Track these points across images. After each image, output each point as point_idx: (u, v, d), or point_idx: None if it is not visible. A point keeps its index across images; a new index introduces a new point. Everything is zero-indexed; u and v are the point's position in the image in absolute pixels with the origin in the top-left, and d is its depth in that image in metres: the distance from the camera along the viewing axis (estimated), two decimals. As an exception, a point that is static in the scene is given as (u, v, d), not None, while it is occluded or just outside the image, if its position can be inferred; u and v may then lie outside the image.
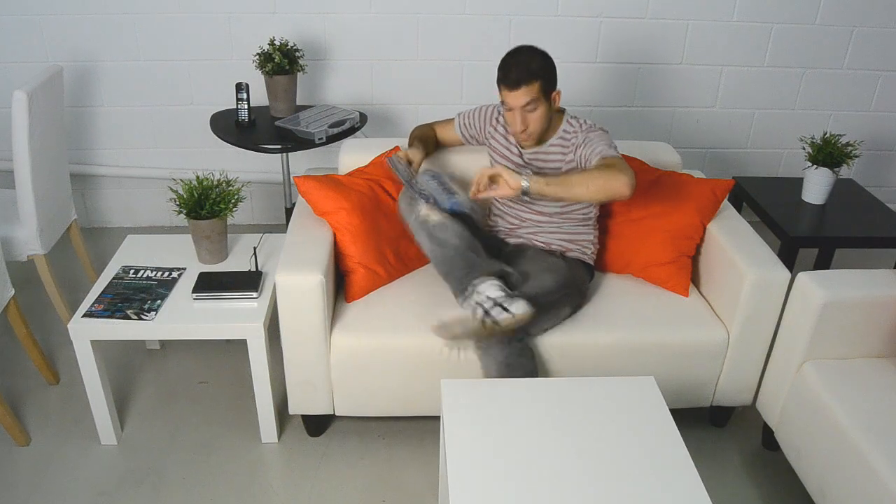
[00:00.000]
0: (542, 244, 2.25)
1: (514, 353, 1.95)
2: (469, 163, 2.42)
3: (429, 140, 2.37)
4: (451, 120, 2.40)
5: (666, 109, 3.39)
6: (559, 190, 1.92)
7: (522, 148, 2.20)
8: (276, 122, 2.76)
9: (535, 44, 2.08)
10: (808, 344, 2.00)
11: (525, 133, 2.09)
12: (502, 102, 2.06)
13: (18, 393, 2.44)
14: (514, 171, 1.95)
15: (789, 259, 2.58)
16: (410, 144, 2.31)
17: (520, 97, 2.00)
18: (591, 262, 2.29)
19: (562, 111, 2.19)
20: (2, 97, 3.04)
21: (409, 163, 2.22)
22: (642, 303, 2.23)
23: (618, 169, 1.91)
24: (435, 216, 2.06)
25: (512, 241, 2.31)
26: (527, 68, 1.99)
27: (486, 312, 1.89)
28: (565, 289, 2.09)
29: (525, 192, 1.92)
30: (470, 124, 2.35)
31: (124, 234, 2.57)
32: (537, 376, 2.01)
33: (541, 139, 2.15)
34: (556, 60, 2.07)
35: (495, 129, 2.28)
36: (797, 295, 2.02)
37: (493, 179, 1.96)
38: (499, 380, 1.82)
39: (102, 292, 2.19)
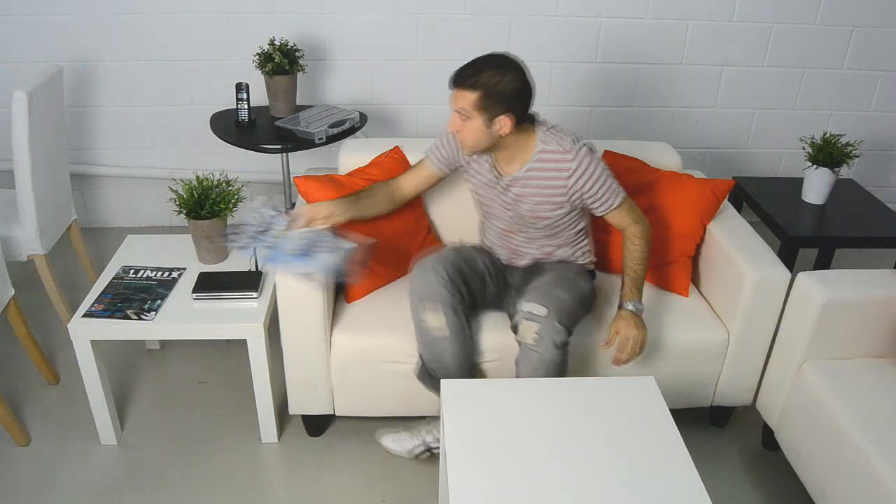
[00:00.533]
0: (549, 258, 2.19)
1: (563, 356, 1.94)
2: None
3: (365, 196, 2.10)
4: (420, 164, 2.17)
5: (666, 109, 3.39)
6: (641, 290, 2.04)
7: (499, 175, 2.03)
8: (276, 123, 2.76)
9: (535, 43, 2.05)
10: (808, 344, 2.00)
11: (457, 137, 1.95)
12: None
13: (18, 393, 2.44)
14: (630, 317, 1.98)
15: (789, 259, 2.58)
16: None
17: (455, 98, 1.86)
18: (592, 269, 2.27)
19: (532, 122, 1.99)
20: (2, 97, 3.04)
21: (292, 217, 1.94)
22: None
23: (642, 227, 2.04)
24: (437, 323, 1.96)
25: (519, 263, 2.22)
26: (474, 74, 1.82)
27: (430, 451, 2.09)
28: (583, 301, 2.07)
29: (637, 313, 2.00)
30: (441, 146, 2.12)
31: (124, 234, 2.57)
32: None
33: (518, 161, 1.98)
34: (555, 60, 2.05)
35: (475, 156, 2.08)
36: (797, 295, 2.02)
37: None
38: (499, 380, 1.82)
39: (102, 292, 2.19)
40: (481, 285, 2.10)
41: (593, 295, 2.16)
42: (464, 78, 1.83)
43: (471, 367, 2.06)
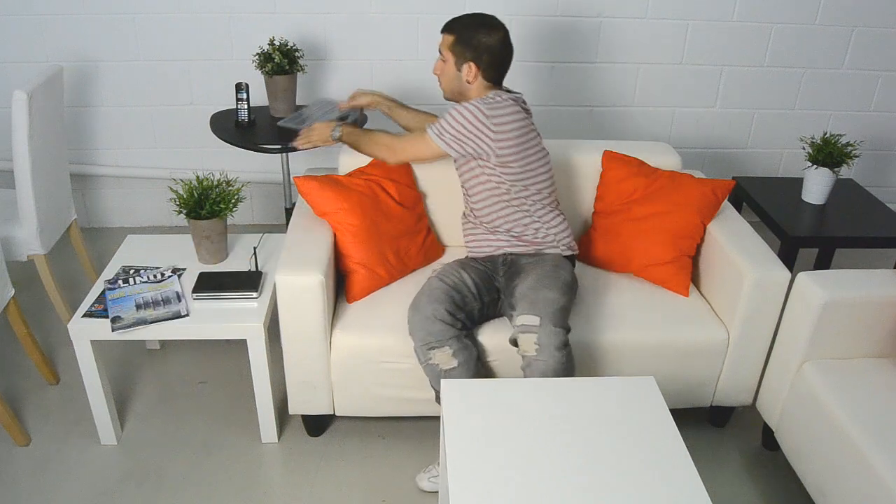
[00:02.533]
0: (519, 244, 2.19)
1: (567, 355, 1.94)
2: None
3: (408, 111, 2.45)
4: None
5: (666, 109, 3.39)
6: (355, 140, 2.22)
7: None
8: (278, 123, 2.76)
9: (535, 43, 2.07)
10: (808, 344, 2.00)
11: (441, 82, 2.17)
12: None
13: (18, 393, 2.44)
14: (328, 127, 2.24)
15: (789, 259, 2.58)
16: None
17: (441, 42, 2.10)
18: (571, 253, 2.23)
19: (499, 87, 2.13)
20: (2, 97, 3.05)
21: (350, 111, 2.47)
22: (642, 303, 2.23)
23: (403, 140, 2.15)
24: (445, 357, 1.96)
25: (498, 254, 2.22)
26: (455, 21, 2.07)
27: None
28: (569, 291, 2.07)
29: (337, 140, 2.22)
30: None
31: (124, 234, 2.58)
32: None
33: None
34: (556, 61, 2.06)
35: None
36: (797, 295, 2.02)
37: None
38: (499, 380, 1.81)
39: (102, 292, 2.20)
40: (476, 303, 2.09)
41: (575, 280, 2.15)
42: (448, 23, 2.09)
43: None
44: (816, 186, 2.76)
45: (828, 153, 2.70)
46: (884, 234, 2.65)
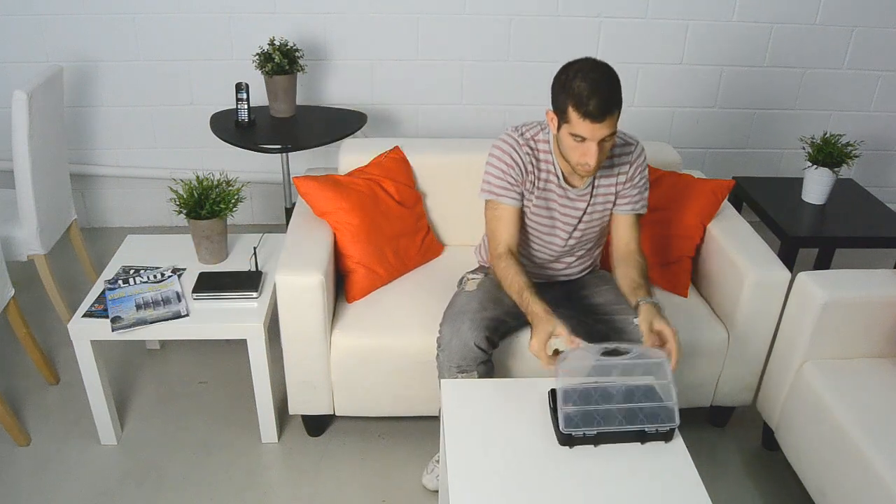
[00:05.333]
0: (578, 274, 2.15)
1: None
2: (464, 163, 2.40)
3: (523, 274, 1.84)
4: (500, 208, 1.90)
5: (666, 109, 3.39)
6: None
7: (573, 186, 1.91)
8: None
9: (535, 43, 2.04)
10: (808, 344, 2.00)
11: (594, 167, 1.76)
12: (566, 132, 1.73)
13: (18, 393, 2.44)
14: (656, 308, 1.72)
15: (789, 259, 2.58)
16: (529, 308, 1.74)
17: (603, 129, 1.68)
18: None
19: None
20: (2, 97, 3.04)
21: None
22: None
23: (642, 252, 1.96)
24: (469, 378, 1.85)
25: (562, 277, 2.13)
26: (613, 95, 1.68)
27: None
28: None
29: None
30: (507, 182, 1.89)
31: (124, 234, 2.57)
32: None
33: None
34: (556, 60, 2.03)
35: (538, 172, 1.90)
36: (797, 295, 2.02)
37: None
38: (499, 380, 1.82)
39: (102, 292, 2.19)
40: (513, 322, 2.01)
41: None
42: (609, 105, 1.67)
43: None
44: (816, 186, 2.76)
45: (828, 153, 2.70)
46: (884, 234, 2.65)
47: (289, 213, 3.05)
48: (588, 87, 1.66)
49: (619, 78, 1.72)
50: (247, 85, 2.79)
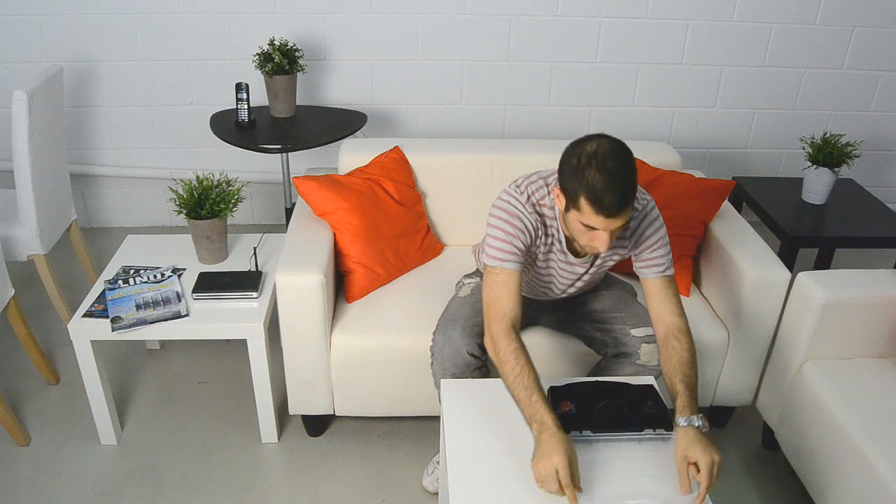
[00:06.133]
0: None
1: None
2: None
3: (528, 364, 1.60)
4: (503, 274, 1.69)
5: (666, 109, 3.39)
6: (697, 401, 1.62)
7: (577, 255, 1.81)
8: None
9: (535, 43, 2.01)
10: (808, 344, 2.00)
11: (606, 251, 1.68)
12: (576, 218, 1.59)
13: (18, 393, 2.44)
14: (699, 436, 1.50)
15: (789, 259, 2.58)
16: (536, 413, 1.51)
17: (617, 222, 1.55)
18: None
19: None
20: (2, 97, 3.05)
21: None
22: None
23: (685, 321, 1.72)
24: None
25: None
26: (630, 188, 1.53)
27: None
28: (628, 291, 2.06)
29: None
30: (515, 246, 1.69)
31: (124, 234, 2.58)
32: None
33: None
34: (556, 60, 2.00)
35: (546, 237, 1.77)
36: (797, 295, 2.02)
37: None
38: (498, 380, 1.81)
39: (102, 292, 2.19)
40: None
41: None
42: (624, 201, 1.53)
43: None
44: (816, 186, 2.76)
45: (828, 153, 2.70)
46: (884, 234, 2.65)
47: (289, 213, 3.05)
48: (604, 181, 1.50)
49: (634, 161, 1.56)
50: (247, 85, 2.79)
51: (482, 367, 1.89)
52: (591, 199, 1.52)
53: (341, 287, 2.25)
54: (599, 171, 1.51)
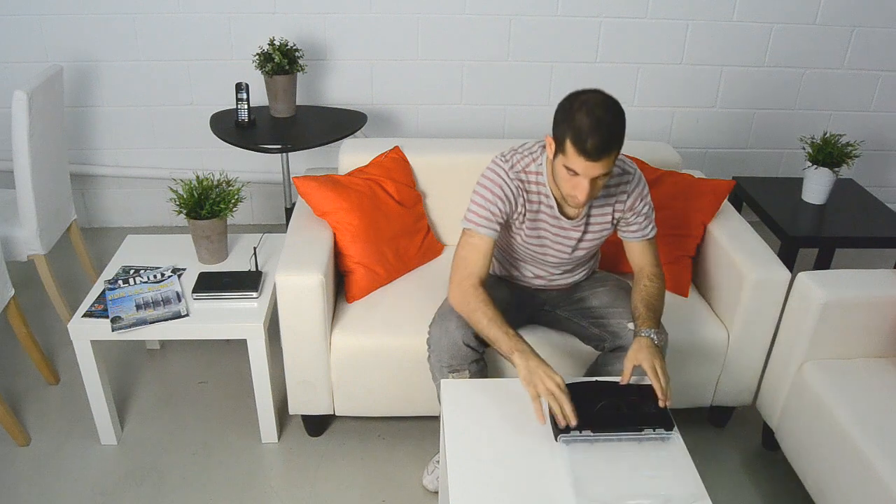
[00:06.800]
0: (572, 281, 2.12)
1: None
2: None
3: (493, 309, 1.76)
4: (476, 237, 1.81)
5: (666, 109, 3.39)
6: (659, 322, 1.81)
7: (567, 217, 1.87)
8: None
9: (535, 43, 2.01)
10: (808, 344, 2.00)
11: (583, 202, 1.71)
12: (561, 162, 1.67)
13: (18, 393, 2.44)
14: (650, 344, 1.70)
15: (789, 259, 2.58)
16: (512, 340, 1.69)
17: (597, 168, 1.63)
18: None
19: None
20: (2, 97, 3.04)
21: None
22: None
23: (661, 272, 1.93)
24: (460, 379, 1.83)
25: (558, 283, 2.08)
26: (613, 136, 1.61)
27: None
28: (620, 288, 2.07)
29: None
30: (491, 212, 1.80)
31: (124, 234, 2.57)
32: None
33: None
34: (556, 60, 2.01)
35: (528, 203, 1.85)
36: (797, 295, 2.02)
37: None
38: (498, 379, 1.82)
39: (102, 292, 2.19)
40: (517, 314, 2.00)
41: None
42: (607, 144, 1.61)
43: None
44: (816, 186, 2.76)
45: (828, 153, 2.70)
46: (884, 234, 2.65)
47: (289, 213, 3.05)
48: (590, 124, 1.59)
49: (624, 117, 1.64)
50: (247, 85, 2.79)
51: (479, 359, 1.90)
52: (575, 140, 1.61)
53: (341, 287, 2.25)
54: (588, 115, 1.61)
